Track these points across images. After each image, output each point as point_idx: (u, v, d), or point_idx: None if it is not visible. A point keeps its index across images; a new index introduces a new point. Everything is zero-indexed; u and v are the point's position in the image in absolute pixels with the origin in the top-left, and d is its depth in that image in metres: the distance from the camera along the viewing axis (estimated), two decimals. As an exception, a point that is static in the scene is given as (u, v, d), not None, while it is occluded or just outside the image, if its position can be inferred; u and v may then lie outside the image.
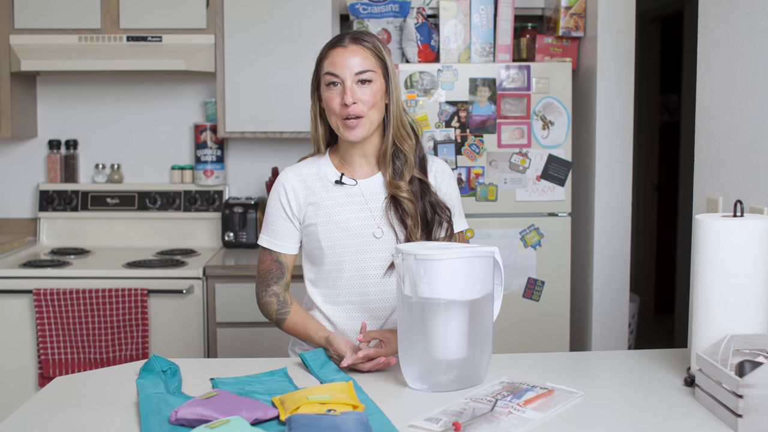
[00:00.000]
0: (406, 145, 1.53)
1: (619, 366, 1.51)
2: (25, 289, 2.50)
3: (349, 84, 1.47)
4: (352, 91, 1.47)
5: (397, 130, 1.53)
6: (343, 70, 1.48)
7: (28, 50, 2.74)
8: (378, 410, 1.22)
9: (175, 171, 3.04)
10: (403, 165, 1.53)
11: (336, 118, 1.50)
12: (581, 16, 2.66)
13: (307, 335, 1.54)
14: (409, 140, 1.54)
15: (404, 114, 1.56)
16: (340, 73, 1.48)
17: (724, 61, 1.68)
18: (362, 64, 1.48)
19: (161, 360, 1.39)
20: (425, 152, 1.58)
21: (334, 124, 1.52)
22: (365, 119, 1.49)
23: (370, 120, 1.50)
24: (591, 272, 2.68)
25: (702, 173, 1.78)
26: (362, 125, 1.49)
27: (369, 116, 1.49)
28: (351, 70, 1.47)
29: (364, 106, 1.48)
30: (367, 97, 1.48)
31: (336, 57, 1.49)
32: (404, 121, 1.55)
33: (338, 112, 1.49)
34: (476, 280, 1.32)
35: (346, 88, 1.47)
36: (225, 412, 1.16)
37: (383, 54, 1.52)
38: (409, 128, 1.55)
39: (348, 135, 1.50)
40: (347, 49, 1.49)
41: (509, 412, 1.20)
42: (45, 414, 1.24)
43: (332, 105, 1.49)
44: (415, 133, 1.56)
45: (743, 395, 1.13)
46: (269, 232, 1.58)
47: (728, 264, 1.29)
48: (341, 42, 1.50)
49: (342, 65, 1.48)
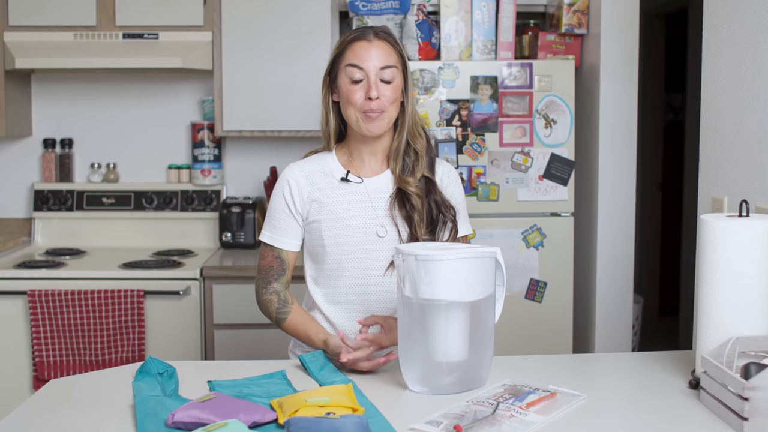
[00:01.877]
0: (419, 143, 1.55)
1: (623, 368, 1.51)
2: (19, 290, 2.49)
3: (373, 78, 1.48)
4: (377, 86, 1.48)
5: (411, 127, 1.55)
6: (368, 62, 1.48)
7: (23, 48, 2.72)
8: (378, 413, 1.22)
9: (172, 170, 3.03)
10: (413, 163, 1.54)
11: (356, 110, 1.50)
12: (584, 13, 2.66)
13: (307, 337, 1.54)
14: (421, 139, 1.56)
15: (416, 113, 1.57)
16: (365, 66, 1.48)
17: (729, 58, 1.67)
18: (387, 59, 1.50)
19: (158, 362, 1.39)
20: (435, 154, 1.60)
21: (353, 117, 1.51)
22: (386, 114, 1.50)
23: (390, 116, 1.51)
24: (594, 273, 2.68)
25: (707, 173, 1.77)
26: (383, 119, 1.50)
27: (389, 112, 1.51)
28: (375, 63, 1.49)
29: (386, 102, 1.49)
30: (389, 92, 1.49)
31: (360, 50, 1.49)
32: (418, 119, 1.57)
33: (360, 106, 1.49)
34: (478, 281, 1.31)
35: (370, 81, 1.48)
36: (222, 415, 1.15)
37: (403, 51, 1.54)
38: (420, 127, 1.57)
39: (369, 127, 1.50)
40: (372, 44, 1.49)
41: (511, 416, 1.20)
42: (39, 417, 1.24)
43: (354, 98, 1.49)
44: (426, 133, 1.58)
45: (749, 398, 1.13)
46: (271, 227, 1.58)
47: (733, 265, 1.28)
48: (365, 36, 1.51)
49: (366, 58, 1.48)
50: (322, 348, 1.49)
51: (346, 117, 1.53)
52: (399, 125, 1.55)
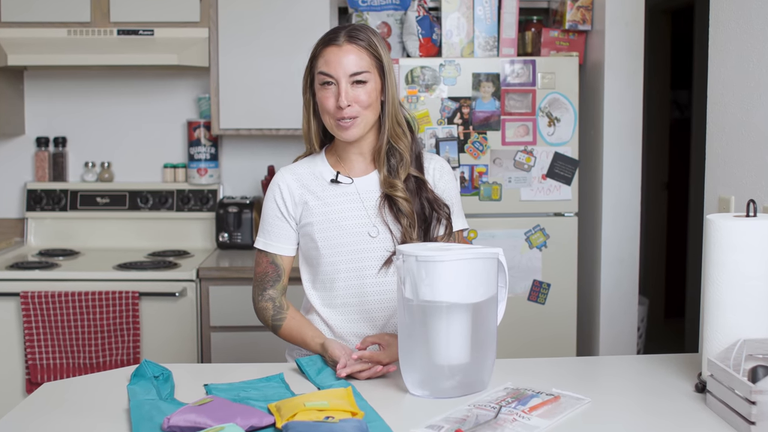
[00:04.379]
0: (402, 143, 1.54)
1: (628, 371, 1.50)
2: (12, 291, 2.48)
3: (343, 85, 1.47)
4: (347, 93, 1.47)
5: (392, 128, 1.53)
6: (338, 70, 1.47)
7: (15, 44, 2.71)
8: (378, 417, 1.22)
9: (168, 169, 3.03)
10: (398, 163, 1.53)
11: (330, 118, 1.50)
12: (588, 8, 2.66)
13: (303, 342, 1.54)
14: (404, 138, 1.54)
15: (401, 111, 1.56)
16: (334, 74, 1.47)
17: (736, 55, 1.67)
18: (357, 64, 1.47)
19: (153, 365, 1.39)
20: (421, 149, 1.59)
21: (328, 124, 1.52)
22: (360, 119, 1.49)
23: (365, 120, 1.50)
24: (598, 274, 2.67)
25: (713, 172, 1.77)
26: (357, 125, 1.49)
27: (364, 116, 1.49)
28: (345, 70, 1.47)
29: (360, 107, 1.48)
30: (363, 97, 1.48)
31: (330, 56, 1.48)
32: (400, 118, 1.55)
33: (332, 113, 1.49)
34: (480, 283, 1.31)
35: (340, 89, 1.47)
36: (219, 420, 1.15)
37: (379, 51, 1.51)
38: (405, 126, 1.56)
39: (342, 135, 1.50)
40: (342, 49, 1.47)
41: (514, 420, 1.19)
42: (33, 421, 1.24)
43: (326, 105, 1.49)
44: (411, 130, 1.57)
45: (756, 402, 1.12)
46: (265, 233, 1.59)
47: (741, 266, 1.28)
48: (335, 40, 1.48)
49: (336, 65, 1.47)
50: (319, 352, 1.49)
51: (324, 122, 1.53)
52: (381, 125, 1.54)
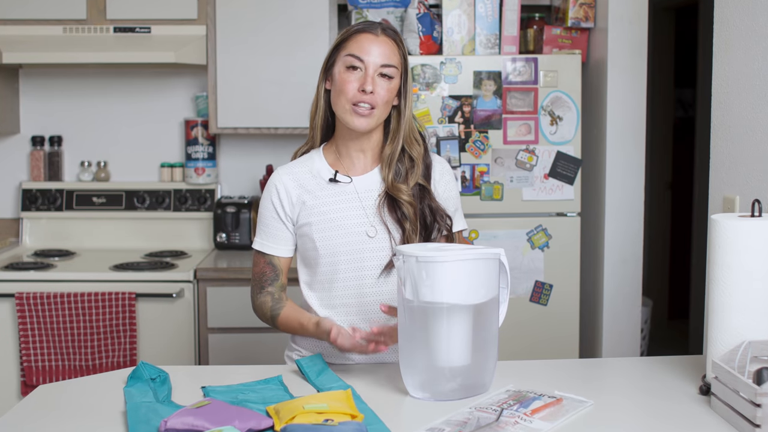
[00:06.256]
0: (415, 150, 1.55)
1: (631, 373, 1.50)
2: (6, 292, 2.48)
3: (371, 72, 1.49)
4: (374, 80, 1.48)
5: (408, 134, 1.55)
6: (370, 56, 1.49)
7: (10, 42, 2.71)
8: (377, 420, 1.22)
9: (165, 169, 3.02)
10: (408, 170, 1.55)
11: (346, 101, 1.49)
12: (591, 6, 2.66)
13: (300, 325, 1.53)
14: (418, 146, 1.56)
15: (414, 120, 1.58)
16: (366, 59, 1.49)
17: (741, 53, 1.66)
18: (389, 57, 1.50)
19: (150, 367, 1.38)
20: (431, 161, 1.60)
21: (342, 108, 1.51)
22: (376, 111, 1.50)
23: (379, 115, 1.51)
24: (601, 275, 2.67)
25: (718, 171, 1.76)
26: (372, 117, 1.50)
27: (379, 110, 1.50)
28: (377, 59, 1.49)
29: (379, 99, 1.49)
30: (384, 91, 1.49)
31: (365, 42, 1.50)
32: (413, 126, 1.57)
33: (351, 97, 1.48)
34: (481, 284, 1.31)
35: (367, 74, 1.48)
36: (217, 422, 1.15)
37: (406, 54, 1.55)
38: (417, 134, 1.58)
39: (354, 121, 1.49)
40: (378, 38, 1.50)
41: (515, 422, 1.19)
42: (28, 424, 1.23)
43: (347, 88, 1.49)
44: (423, 140, 1.59)
45: (761, 404, 1.12)
46: (262, 234, 1.59)
47: (746, 266, 1.27)
48: (373, 29, 1.51)
49: (369, 51, 1.49)
50: (314, 330, 1.47)
51: (335, 107, 1.53)
52: (393, 130, 1.55)
